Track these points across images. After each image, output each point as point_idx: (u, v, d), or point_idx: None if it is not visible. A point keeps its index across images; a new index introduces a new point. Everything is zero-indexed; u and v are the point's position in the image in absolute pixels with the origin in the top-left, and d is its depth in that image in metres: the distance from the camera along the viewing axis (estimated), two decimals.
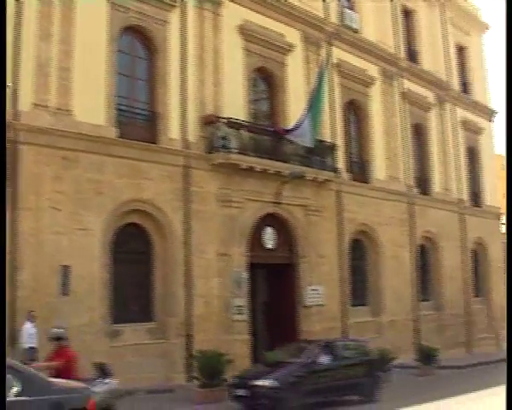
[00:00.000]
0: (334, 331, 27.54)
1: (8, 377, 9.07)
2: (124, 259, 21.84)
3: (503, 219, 45.88)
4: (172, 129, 23.40)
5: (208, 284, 23.61)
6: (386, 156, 33.20)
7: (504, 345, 35.77)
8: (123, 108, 22.39)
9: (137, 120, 23.10)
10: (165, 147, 22.97)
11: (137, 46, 23.56)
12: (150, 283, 22.61)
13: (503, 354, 29.88)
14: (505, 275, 42.56)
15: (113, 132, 21.42)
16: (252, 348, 24.44)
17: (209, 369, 19.99)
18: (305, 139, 26.25)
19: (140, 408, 17.55)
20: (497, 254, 42.60)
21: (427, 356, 27.31)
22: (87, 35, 21.00)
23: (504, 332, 37.59)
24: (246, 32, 26.47)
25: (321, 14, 30.20)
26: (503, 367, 28.59)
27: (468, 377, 26.72)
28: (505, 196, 25.88)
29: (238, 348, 23.53)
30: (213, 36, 25.26)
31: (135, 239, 22.59)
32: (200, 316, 23.10)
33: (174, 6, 24.03)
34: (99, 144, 20.61)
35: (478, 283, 40.54)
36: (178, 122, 23.63)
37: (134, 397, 19.22)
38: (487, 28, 45.79)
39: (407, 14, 37.42)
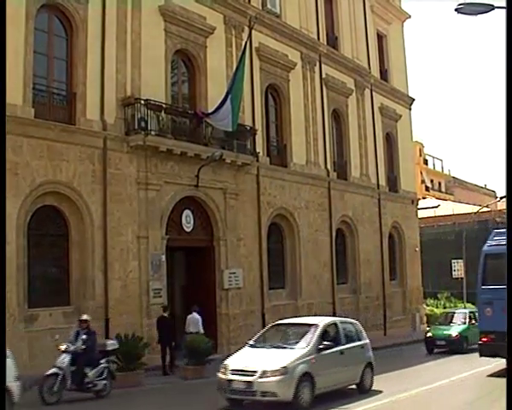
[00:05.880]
0: (253, 314, 27.79)
1: None
2: (40, 242, 21.52)
3: (419, 203, 47.06)
4: (91, 110, 23.07)
5: (126, 267, 23.46)
6: (306, 141, 33.51)
7: (418, 326, 36.88)
8: (40, 87, 21.93)
9: (55, 100, 22.64)
10: (83, 128, 22.63)
11: (56, 24, 23.03)
12: (67, 266, 22.30)
13: (417, 336, 30.80)
14: (418, 260, 43.70)
15: (29, 112, 20.98)
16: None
17: (127, 353, 19.95)
18: (224, 123, 26.29)
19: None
20: (413, 238, 43.66)
21: None
22: None
23: (418, 314, 38.73)
24: (167, 13, 26.22)
25: None
26: (416, 348, 29.57)
27: (382, 358, 27.36)
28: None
29: (156, 332, 23.50)
30: (134, 16, 24.93)
31: (52, 222, 22.23)
32: (118, 299, 22.94)
33: None
34: (15, 125, 20.10)
35: (394, 266, 41.46)
36: (97, 103, 23.29)
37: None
38: (408, 17, 46.55)
39: (329, 0, 37.69)
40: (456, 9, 14.82)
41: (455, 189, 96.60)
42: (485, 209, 54.54)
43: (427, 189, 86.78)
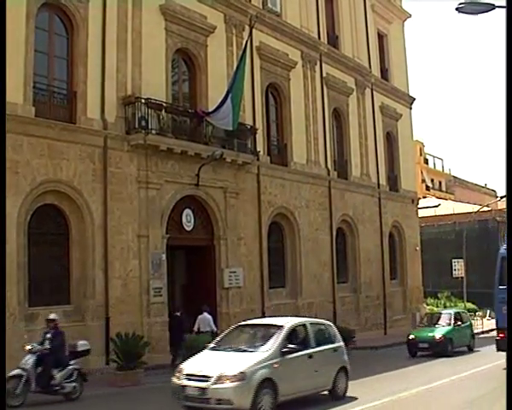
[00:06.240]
0: (253, 313, 27.78)
1: None
2: (40, 240, 21.51)
3: (419, 203, 47.01)
4: (91, 109, 23.05)
5: (126, 265, 23.44)
6: (307, 140, 33.50)
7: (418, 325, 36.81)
8: (41, 86, 21.91)
9: (55, 99, 22.63)
10: (84, 127, 22.62)
11: (57, 23, 23.01)
12: (67, 265, 22.29)
13: None
14: (418, 259, 43.67)
15: (30, 111, 20.96)
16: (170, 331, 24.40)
17: (127, 352, 19.94)
18: (225, 122, 26.29)
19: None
20: (414, 237, 43.65)
21: (343, 337, 27.67)
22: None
23: (418, 313, 38.70)
24: (168, 12, 26.20)
25: None
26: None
27: (381, 357, 27.43)
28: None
29: (156, 331, 23.52)
30: (135, 15, 24.90)
31: (52, 220, 22.22)
32: (119, 298, 22.94)
33: None
34: (15, 123, 20.09)
35: (394, 265, 41.46)
36: (97, 102, 23.28)
37: None
38: (408, 16, 46.52)
39: None
40: (456, 9, 14.79)
41: (455, 188, 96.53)
42: (485, 209, 54.48)
43: (427, 188, 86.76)
